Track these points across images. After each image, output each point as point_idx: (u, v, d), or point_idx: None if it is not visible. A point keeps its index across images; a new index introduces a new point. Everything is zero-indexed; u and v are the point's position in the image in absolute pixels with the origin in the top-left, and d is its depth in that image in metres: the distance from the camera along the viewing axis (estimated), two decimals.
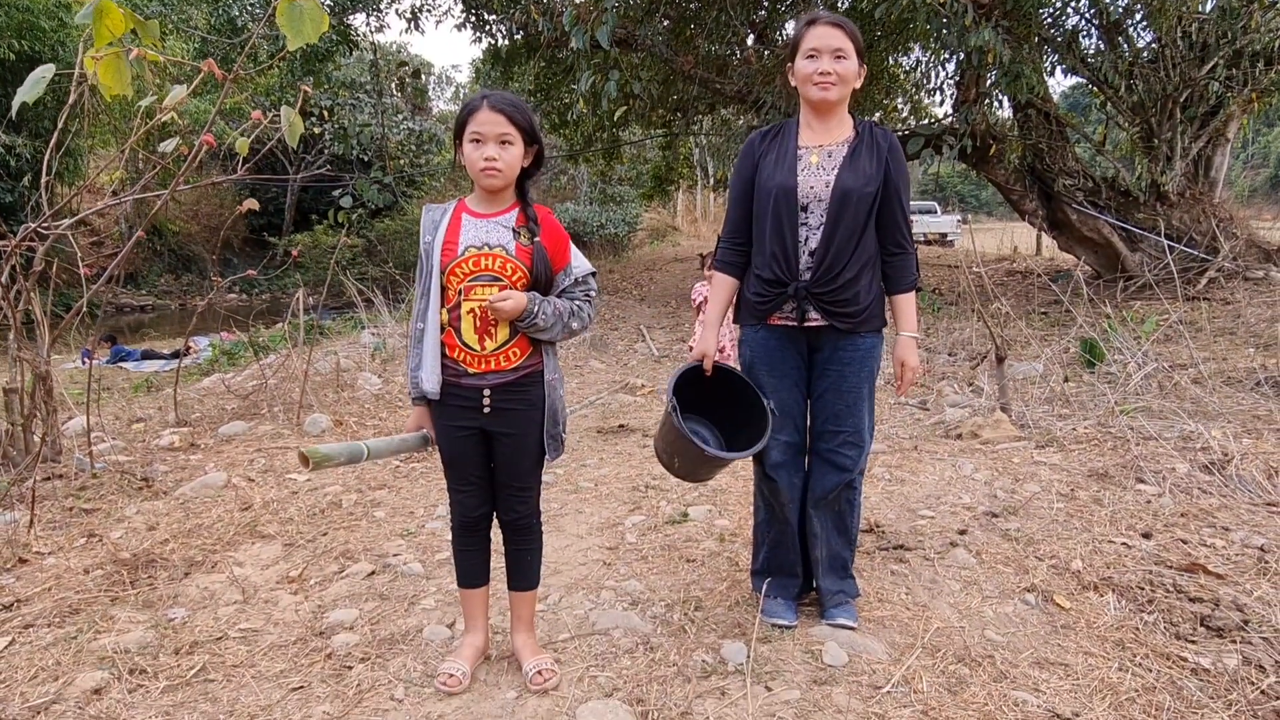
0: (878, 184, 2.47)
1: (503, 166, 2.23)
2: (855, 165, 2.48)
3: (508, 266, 2.27)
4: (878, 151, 2.51)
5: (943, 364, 7.41)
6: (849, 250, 2.46)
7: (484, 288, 2.26)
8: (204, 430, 5.90)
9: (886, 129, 2.58)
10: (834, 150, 2.52)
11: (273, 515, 3.94)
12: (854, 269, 2.47)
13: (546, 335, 2.30)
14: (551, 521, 3.80)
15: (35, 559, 3.54)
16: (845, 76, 2.46)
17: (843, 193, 2.45)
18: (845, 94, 2.50)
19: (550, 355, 2.40)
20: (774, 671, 2.43)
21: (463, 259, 2.28)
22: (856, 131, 2.54)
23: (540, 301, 2.26)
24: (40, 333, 4.90)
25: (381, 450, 2.26)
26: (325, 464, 2.03)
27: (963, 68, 10.75)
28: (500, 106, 2.21)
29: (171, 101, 4.14)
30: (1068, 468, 4.04)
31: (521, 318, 2.24)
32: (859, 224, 2.46)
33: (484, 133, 2.21)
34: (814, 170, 2.51)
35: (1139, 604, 2.76)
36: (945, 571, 3.04)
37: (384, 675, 2.50)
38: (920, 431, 4.94)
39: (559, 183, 36.54)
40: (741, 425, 2.70)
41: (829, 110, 2.54)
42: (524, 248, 2.29)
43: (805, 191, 2.50)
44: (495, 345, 2.28)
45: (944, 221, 24.80)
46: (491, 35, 13.26)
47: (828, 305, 2.50)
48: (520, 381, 2.33)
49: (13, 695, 2.44)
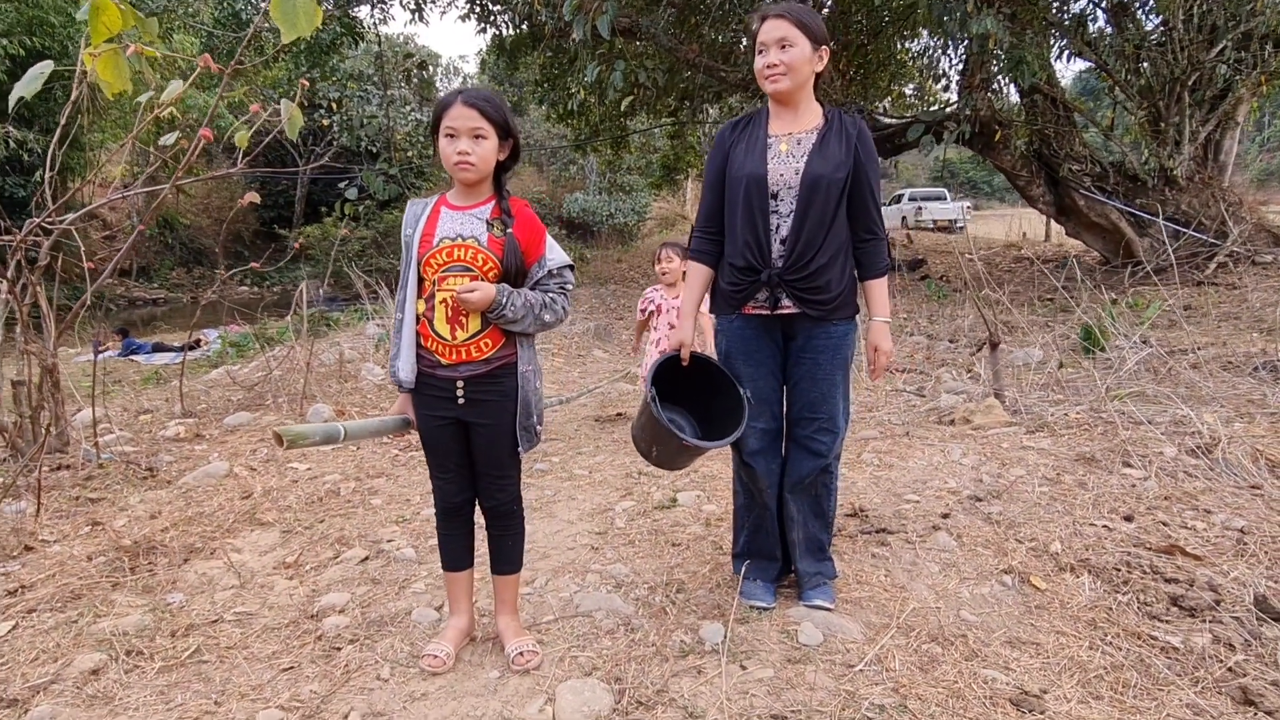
0: (847, 170, 2.49)
1: (475, 160, 2.28)
2: (824, 152, 2.51)
3: (479, 257, 2.32)
4: (846, 138, 2.53)
5: (943, 351, 7.44)
6: (820, 237, 2.50)
7: (456, 278, 2.31)
8: (209, 421, 5.99)
9: (855, 116, 2.60)
10: (803, 137, 2.55)
11: (272, 503, 4.02)
12: (825, 255, 2.51)
13: (518, 327, 2.34)
14: (545, 508, 3.87)
15: (41, 547, 3.63)
16: (793, 65, 2.48)
17: (812, 179, 2.48)
18: (799, 81, 2.51)
19: (525, 347, 2.43)
20: (749, 651, 2.49)
21: (437, 250, 2.33)
22: (826, 119, 2.57)
23: (510, 293, 2.30)
24: (47, 326, 4.99)
25: (359, 432, 2.33)
26: (300, 443, 2.09)
27: (967, 53, 10.71)
28: (473, 101, 2.27)
29: (168, 96, 4.21)
30: (1056, 452, 4.07)
31: (491, 309, 2.29)
32: (829, 211, 2.50)
33: (457, 127, 2.27)
34: (784, 158, 2.54)
35: (1114, 585, 2.81)
36: (926, 554, 3.09)
37: (371, 656, 2.57)
38: (914, 418, 4.98)
39: (568, 173, 36.57)
40: (718, 414, 2.74)
41: (787, 99, 2.57)
42: (496, 239, 2.34)
43: (775, 179, 2.53)
44: (467, 335, 2.33)
45: (952, 208, 24.70)
46: (496, 26, 13.29)
47: (800, 292, 2.54)
48: (494, 373, 2.38)
49: (14, 676, 2.53)
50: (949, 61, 12.81)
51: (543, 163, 36.54)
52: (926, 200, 24.91)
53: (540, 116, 23.34)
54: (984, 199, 45.15)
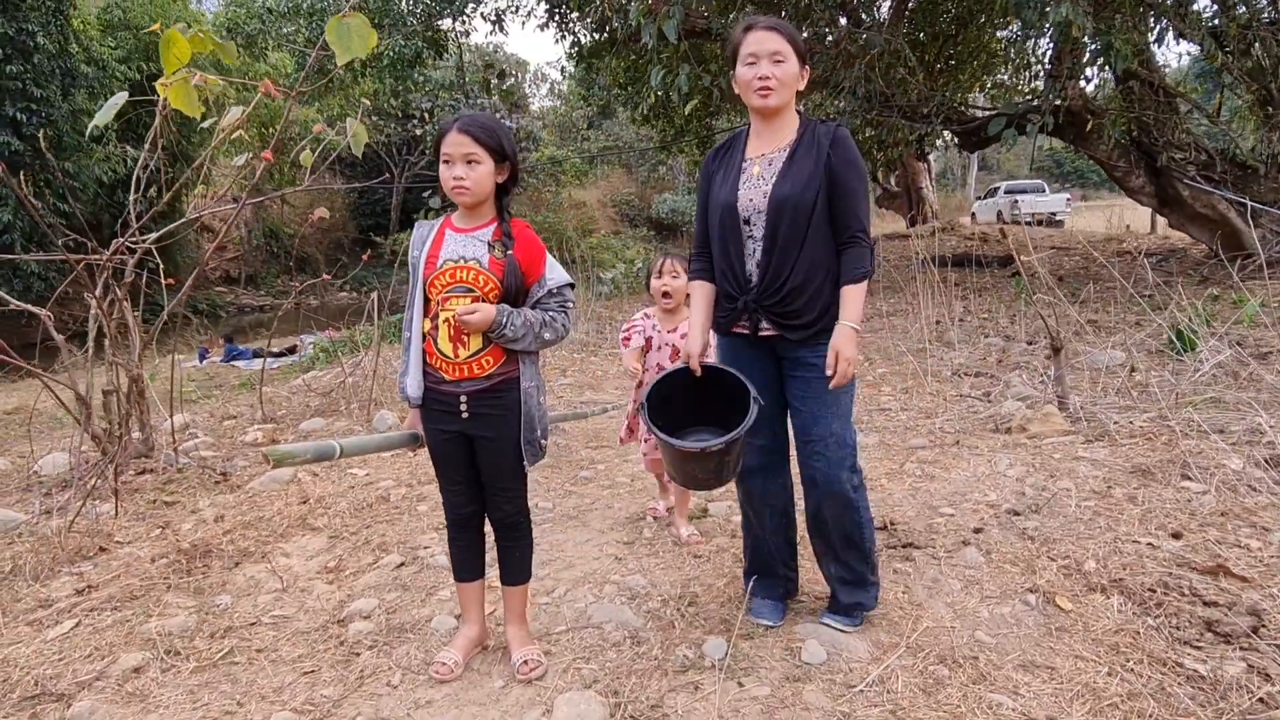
0: (817, 186, 2.44)
1: (470, 185, 2.37)
2: (790, 172, 2.47)
3: (480, 278, 2.40)
4: (818, 149, 2.47)
5: (1019, 353, 7.17)
6: (791, 258, 2.45)
7: (458, 299, 2.40)
8: (287, 427, 6.29)
9: (831, 123, 2.54)
10: (775, 157, 2.52)
11: (325, 509, 4.21)
12: (799, 277, 2.45)
13: (518, 345, 2.42)
14: (580, 516, 3.93)
15: (114, 548, 3.89)
16: (785, 80, 2.46)
17: (778, 202, 2.45)
18: (787, 97, 2.50)
19: (527, 364, 2.50)
20: (750, 667, 2.48)
21: (441, 271, 2.43)
22: (799, 134, 2.53)
23: (509, 314, 2.38)
24: (132, 338, 5.34)
25: (359, 448, 2.43)
26: (288, 462, 2.20)
27: (1053, 42, 10.28)
28: (466, 128, 2.36)
29: (229, 121, 4.45)
30: (1110, 464, 3.89)
31: (491, 329, 2.37)
32: (799, 231, 2.44)
33: (451, 154, 2.36)
34: (755, 182, 2.52)
35: (1145, 607, 2.68)
36: (950, 570, 3.01)
37: (387, 662, 2.68)
38: (970, 425, 4.83)
39: (657, 173, 36.76)
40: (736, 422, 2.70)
41: (772, 115, 2.54)
42: (497, 261, 2.42)
43: (745, 205, 2.52)
44: (469, 353, 2.41)
45: (1052, 200, 23.70)
46: (573, 33, 13.48)
47: (776, 316, 2.51)
48: (495, 388, 2.45)
49: (66, 672, 2.73)
50: (1035, 50, 12.31)
51: (631, 164, 36.84)
52: (1024, 193, 23.95)
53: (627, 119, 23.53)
54: (1092, 189, 43.14)
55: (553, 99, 40.17)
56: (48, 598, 3.36)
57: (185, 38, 3.80)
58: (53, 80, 17.91)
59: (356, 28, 3.62)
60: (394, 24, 12.18)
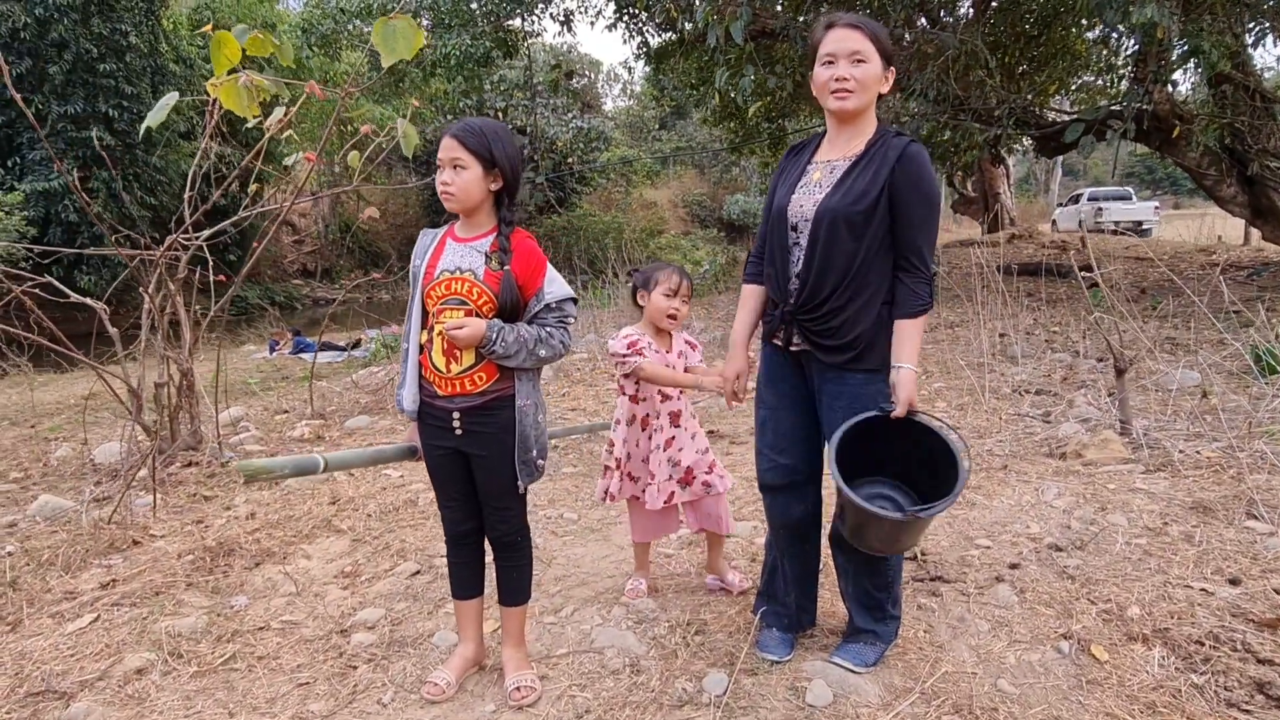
0: (871, 201, 2.26)
1: (455, 190, 2.31)
2: (846, 183, 2.30)
3: (474, 291, 2.32)
4: (883, 163, 2.29)
5: (1087, 371, 6.82)
6: (833, 274, 2.29)
7: (452, 311, 2.33)
8: (334, 423, 6.36)
9: (906, 135, 2.35)
10: (838, 165, 2.36)
11: (352, 510, 4.20)
12: (842, 296, 2.29)
13: (511, 362, 2.33)
14: (603, 530, 3.84)
15: (147, 541, 3.95)
16: (865, 82, 2.27)
17: (821, 213, 2.29)
18: (866, 101, 2.31)
19: (524, 381, 2.41)
20: (749, 706, 2.35)
21: (437, 282, 2.36)
22: (869, 144, 2.35)
23: (500, 330, 2.29)
24: (184, 333, 5.44)
25: (347, 461, 2.37)
26: (262, 477, 2.15)
27: (1139, 43, 9.79)
28: (455, 133, 2.31)
29: (272, 121, 4.49)
30: (1169, 497, 3.62)
31: (481, 344, 2.29)
32: (846, 247, 2.28)
33: (441, 159, 2.32)
34: (811, 188, 2.37)
35: (1190, 662, 2.45)
36: (978, 610, 2.82)
37: (381, 678, 2.62)
38: (1023, 448, 4.57)
39: (729, 174, 36.49)
40: (922, 474, 2.36)
41: (849, 120, 2.36)
42: (493, 273, 2.33)
43: (795, 211, 2.37)
44: (461, 368, 2.34)
45: (1139, 208, 22.65)
46: (642, 34, 13.41)
47: (809, 331, 2.36)
48: (489, 405, 2.37)
49: (74, 669, 2.76)
50: (1118, 52, 11.76)
51: (704, 165, 36.63)
52: (1109, 200, 22.97)
53: (700, 119, 23.38)
54: (1185, 197, 41.28)
55: (626, 99, 40.19)
56: (74, 590, 3.41)
57: (241, 41, 3.84)
58: (143, 78, 18.65)
59: (402, 30, 3.61)
60: (463, 24, 12.27)
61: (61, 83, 17.63)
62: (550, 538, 3.79)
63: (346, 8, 12.56)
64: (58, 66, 17.45)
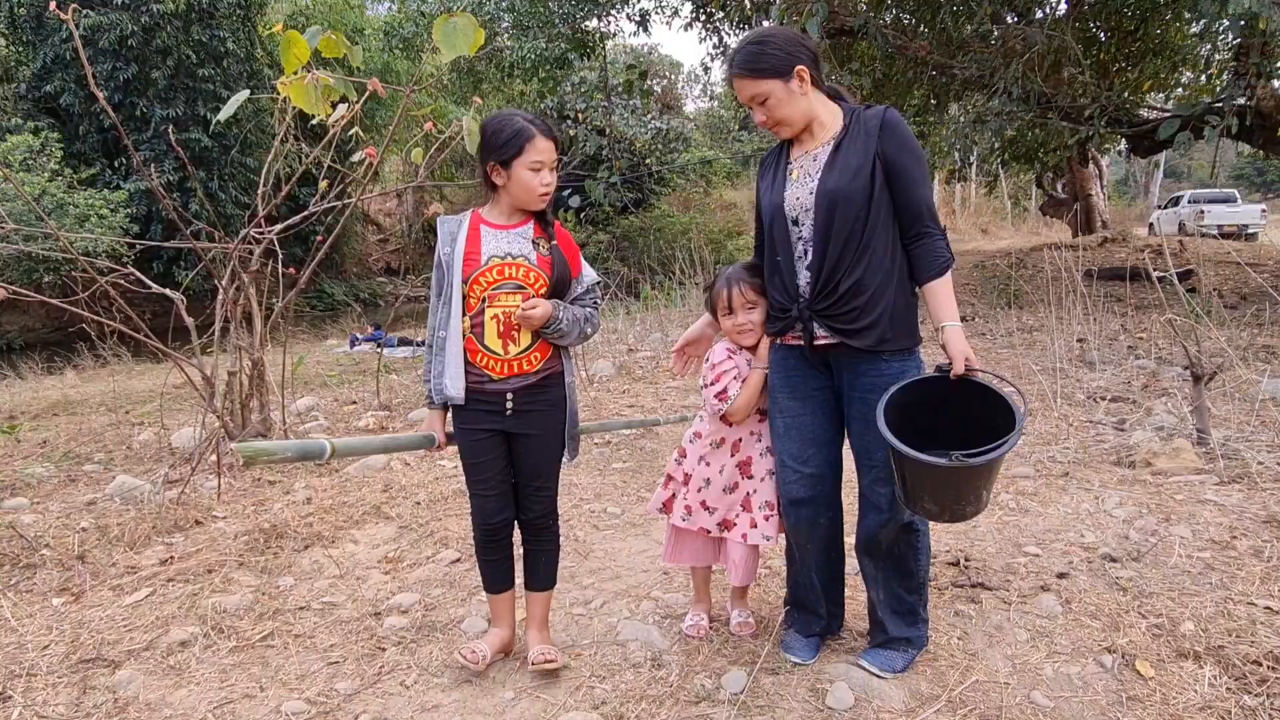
0: (867, 175, 2.23)
1: (553, 189, 2.44)
2: (836, 163, 2.27)
3: (530, 275, 2.41)
4: (867, 136, 2.26)
5: (1171, 378, 6.50)
6: (848, 256, 2.25)
7: (508, 295, 2.40)
8: (399, 415, 6.50)
9: (879, 107, 2.31)
10: (818, 153, 2.33)
11: (403, 498, 4.28)
12: (858, 274, 2.24)
13: (566, 340, 2.46)
14: (642, 525, 3.83)
15: (209, 522, 4.10)
16: (778, 114, 2.31)
17: (826, 195, 2.25)
18: (798, 117, 2.32)
19: (568, 359, 2.53)
20: (766, 706, 2.30)
21: (486, 268, 2.41)
22: (844, 124, 2.32)
23: (564, 308, 2.42)
24: (255, 324, 5.64)
25: (357, 448, 2.42)
26: (261, 459, 2.19)
27: (1239, 35, 9.28)
28: (552, 134, 2.43)
29: (336, 118, 4.61)
30: (1241, 510, 3.41)
31: (547, 324, 2.38)
32: (854, 226, 2.24)
33: (544, 160, 2.39)
34: (800, 180, 2.35)
35: (1243, 683, 2.30)
36: (1019, 619, 2.71)
37: (408, 660, 2.66)
38: (1090, 455, 4.37)
39: None
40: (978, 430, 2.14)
41: (801, 132, 2.38)
42: (544, 257, 2.44)
43: (792, 204, 2.34)
44: (519, 350, 2.42)
45: (1244, 211, 21.42)
46: (719, 32, 13.36)
47: (832, 320, 2.30)
48: (542, 384, 2.46)
49: (124, 639, 2.88)
50: (1222, 45, 11.19)
51: None
52: (1212, 202, 21.80)
53: None
54: None
55: (706, 100, 40.06)
56: (136, 565, 3.57)
57: (313, 43, 3.97)
58: (240, 82, 19.43)
59: (463, 27, 3.68)
60: (541, 26, 12.42)
61: (164, 87, 18.52)
62: (591, 531, 3.79)
63: (427, 12, 12.86)
64: (160, 72, 18.34)
